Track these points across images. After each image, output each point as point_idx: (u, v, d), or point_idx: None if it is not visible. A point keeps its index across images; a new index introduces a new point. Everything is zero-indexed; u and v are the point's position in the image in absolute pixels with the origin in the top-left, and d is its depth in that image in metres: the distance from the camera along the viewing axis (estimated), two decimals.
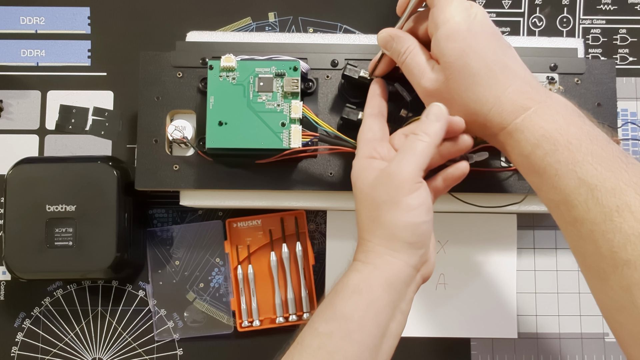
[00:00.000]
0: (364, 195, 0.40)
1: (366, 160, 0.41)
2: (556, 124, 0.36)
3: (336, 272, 0.55)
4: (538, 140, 0.36)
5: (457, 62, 0.38)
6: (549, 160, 0.36)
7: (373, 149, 0.42)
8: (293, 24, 0.58)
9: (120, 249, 0.50)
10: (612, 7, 0.59)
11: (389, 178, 0.38)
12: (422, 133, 0.39)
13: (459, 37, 0.38)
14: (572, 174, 0.35)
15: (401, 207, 0.38)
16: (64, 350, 0.55)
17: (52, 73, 0.58)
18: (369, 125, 0.43)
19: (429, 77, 0.40)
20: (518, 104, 0.38)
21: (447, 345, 0.55)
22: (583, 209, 0.34)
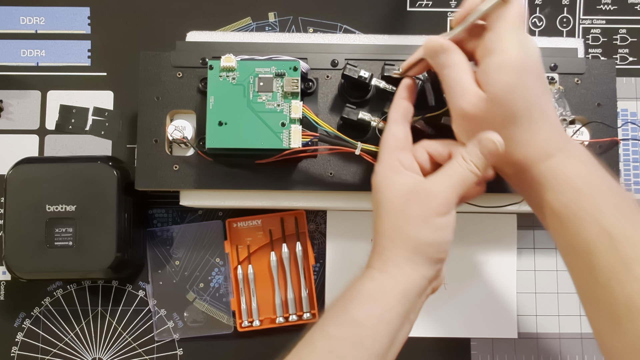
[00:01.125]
0: (393, 206, 0.39)
1: (392, 170, 0.40)
2: (579, 173, 0.37)
3: (336, 272, 0.55)
4: (562, 187, 0.37)
5: (503, 96, 0.37)
6: (573, 208, 0.36)
7: (397, 158, 0.41)
8: (293, 24, 0.58)
9: (120, 249, 0.50)
10: (612, 7, 0.59)
11: (427, 196, 0.38)
12: (472, 164, 0.38)
13: (511, 71, 0.37)
14: (594, 222, 0.35)
15: (431, 226, 0.38)
16: (64, 350, 0.55)
17: (52, 73, 0.58)
18: (393, 133, 0.42)
19: (469, 100, 0.38)
20: (545, 150, 0.38)
21: (447, 345, 0.55)
22: (602, 257, 0.35)
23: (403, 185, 0.39)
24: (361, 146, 0.46)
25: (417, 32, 0.56)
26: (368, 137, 0.49)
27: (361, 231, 0.56)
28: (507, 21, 0.38)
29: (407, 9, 0.59)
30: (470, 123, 0.39)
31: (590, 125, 0.50)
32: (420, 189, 0.39)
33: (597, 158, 0.39)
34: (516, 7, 0.38)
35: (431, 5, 0.59)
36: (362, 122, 0.47)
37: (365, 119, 0.46)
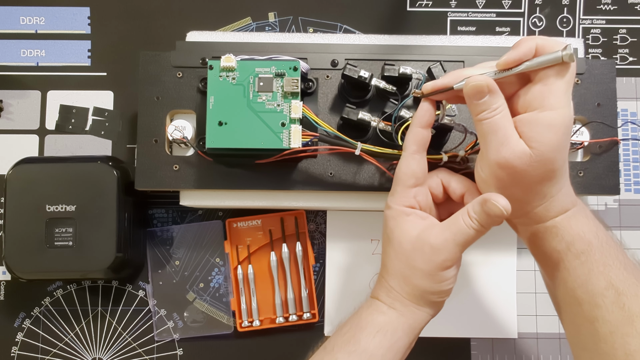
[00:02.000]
0: (401, 250, 0.41)
1: (405, 210, 0.41)
2: (589, 227, 0.39)
3: (336, 272, 0.55)
4: (573, 239, 0.38)
5: (549, 154, 0.37)
6: (583, 260, 0.38)
7: (413, 197, 0.41)
8: (293, 24, 0.58)
9: (120, 249, 0.50)
10: (612, 7, 0.59)
11: (432, 252, 0.39)
12: (477, 224, 0.38)
13: (560, 130, 0.37)
14: (602, 275, 0.37)
15: (436, 279, 0.40)
16: (64, 350, 0.55)
17: (52, 73, 0.58)
18: (412, 169, 0.41)
19: (514, 151, 0.37)
20: (562, 205, 0.39)
21: (447, 345, 0.55)
22: (607, 310, 0.36)
23: (413, 229, 0.40)
24: (361, 146, 0.46)
25: (417, 32, 0.56)
26: (368, 137, 0.49)
27: (361, 231, 0.56)
28: (564, 80, 0.37)
29: (407, 9, 0.59)
30: (506, 173, 0.37)
31: (590, 125, 0.50)
32: (426, 242, 0.39)
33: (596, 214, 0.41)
34: (574, 67, 0.38)
35: (431, 5, 0.59)
36: (362, 122, 0.47)
37: (365, 119, 0.46)
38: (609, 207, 0.57)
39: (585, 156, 0.51)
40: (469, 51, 0.51)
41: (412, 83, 0.49)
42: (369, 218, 0.56)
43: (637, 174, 0.57)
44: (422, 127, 0.41)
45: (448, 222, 0.40)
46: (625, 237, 0.56)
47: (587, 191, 0.50)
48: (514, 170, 0.37)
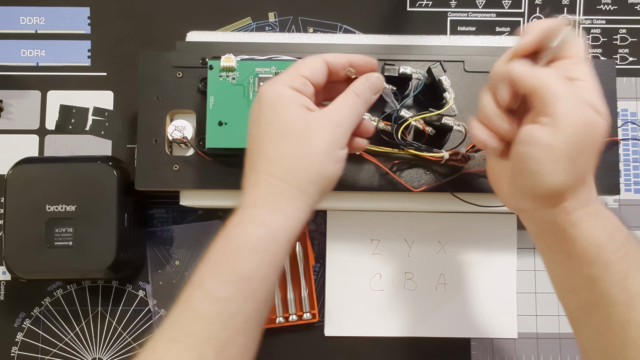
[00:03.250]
0: (292, 129, 0.36)
1: (293, 91, 0.37)
2: (616, 221, 0.36)
3: (336, 272, 0.55)
4: (613, 230, 0.35)
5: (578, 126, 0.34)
6: (623, 253, 0.34)
7: (303, 84, 0.38)
8: (293, 24, 0.58)
9: (120, 249, 0.50)
10: (612, 7, 0.59)
11: (332, 125, 0.37)
12: (362, 97, 0.39)
13: None
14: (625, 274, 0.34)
15: (334, 157, 0.37)
16: (64, 350, 0.55)
17: (52, 73, 0.58)
18: (312, 64, 0.39)
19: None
20: (589, 195, 0.36)
21: (447, 345, 0.55)
22: (637, 313, 0.33)
23: (301, 109, 0.37)
24: None
25: (417, 32, 0.56)
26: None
27: (361, 231, 0.56)
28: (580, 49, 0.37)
29: (407, 9, 0.59)
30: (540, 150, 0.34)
31: None
32: (324, 116, 0.37)
33: None
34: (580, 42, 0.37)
35: (431, 5, 0.59)
36: None
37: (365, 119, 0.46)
38: (609, 207, 0.57)
39: None
40: (469, 51, 0.51)
41: (412, 83, 0.49)
42: (369, 218, 0.56)
43: (637, 174, 0.57)
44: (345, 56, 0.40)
45: (340, 99, 0.38)
46: None
47: None
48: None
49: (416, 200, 0.51)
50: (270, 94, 0.37)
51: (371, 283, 0.55)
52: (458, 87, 0.50)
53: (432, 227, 0.56)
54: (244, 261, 0.34)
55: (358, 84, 0.40)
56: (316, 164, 0.36)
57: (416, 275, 0.55)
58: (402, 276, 0.55)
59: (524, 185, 0.36)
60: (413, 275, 0.56)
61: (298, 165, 0.36)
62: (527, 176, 0.35)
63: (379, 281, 0.55)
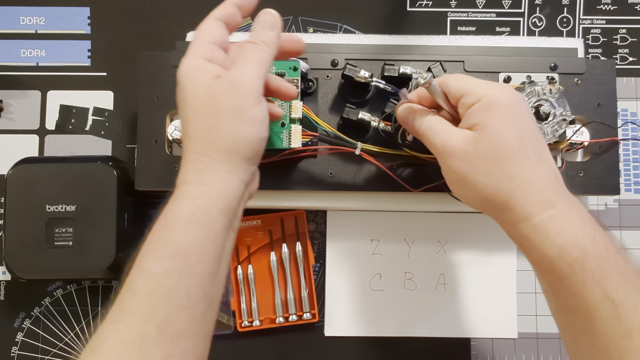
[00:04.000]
0: (200, 102, 0.36)
1: (201, 62, 0.37)
2: (584, 230, 0.34)
3: (336, 272, 0.55)
4: (565, 244, 0.34)
5: (492, 130, 0.36)
6: (576, 268, 0.34)
7: (210, 51, 0.37)
8: (293, 24, 0.58)
9: (120, 249, 0.50)
10: (612, 7, 0.59)
11: (233, 85, 0.36)
12: (260, 42, 0.38)
13: (496, 109, 0.37)
14: (598, 286, 0.33)
15: (246, 119, 0.36)
16: (64, 350, 0.55)
17: (52, 73, 0.58)
18: (209, 27, 0.39)
19: (456, 136, 0.38)
20: (545, 196, 0.35)
21: (447, 345, 0.55)
22: (603, 323, 0.33)
23: (207, 78, 0.36)
24: (361, 146, 0.46)
25: (417, 32, 0.56)
26: (368, 137, 0.49)
27: (361, 231, 0.56)
28: (464, 76, 0.39)
29: (407, 9, 0.59)
30: (459, 161, 0.37)
31: (590, 125, 0.50)
32: (225, 80, 0.36)
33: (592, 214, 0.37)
34: (449, 76, 0.40)
35: (431, 5, 0.59)
36: (362, 122, 0.47)
37: (365, 119, 0.46)
38: (609, 207, 0.57)
39: (585, 156, 0.51)
40: (469, 51, 0.51)
41: (412, 83, 0.49)
42: (369, 218, 0.56)
43: (637, 174, 0.57)
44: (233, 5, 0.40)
45: (243, 54, 0.37)
46: (625, 237, 0.56)
47: (587, 191, 0.50)
48: (464, 153, 0.37)
49: (416, 200, 0.51)
50: (181, 71, 0.37)
51: (371, 283, 0.55)
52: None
53: (432, 227, 0.56)
54: (177, 236, 0.34)
55: (251, 32, 0.38)
56: (229, 131, 0.36)
57: (416, 275, 0.55)
58: (402, 276, 0.55)
59: (457, 195, 0.40)
60: (413, 275, 0.56)
61: (212, 137, 0.36)
62: (451, 187, 0.40)
63: (379, 281, 0.55)
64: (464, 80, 0.39)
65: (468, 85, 0.38)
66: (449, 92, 0.39)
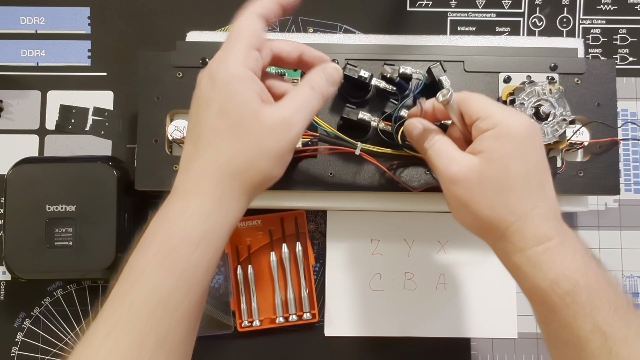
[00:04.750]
0: (244, 126, 0.34)
1: (248, 73, 0.35)
2: (576, 264, 0.35)
3: (336, 272, 0.55)
4: (557, 277, 0.35)
5: (498, 160, 0.36)
6: (568, 300, 0.35)
7: (255, 59, 0.35)
8: (293, 24, 0.58)
9: (120, 249, 0.50)
10: (612, 7, 0.59)
11: (284, 126, 0.35)
12: (320, 93, 0.37)
13: (510, 140, 0.36)
14: (589, 318, 0.34)
15: (281, 162, 0.36)
16: (64, 350, 0.55)
17: (52, 73, 0.58)
18: (253, 26, 0.36)
19: (459, 162, 0.37)
20: (542, 231, 0.36)
21: (447, 345, 0.55)
22: (594, 354, 0.34)
23: (255, 96, 0.35)
24: (361, 146, 0.46)
25: (417, 32, 0.56)
26: (368, 137, 0.49)
27: (361, 231, 0.56)
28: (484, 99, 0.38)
29: (407, 9, 0.59)
30: (463, 188, 0.37)
31: (590, 125, 0.50)
32: (276, 112, 0.35)
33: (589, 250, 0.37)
34: (470, 95, 0.39)
35: (431, 5, 0.59)
36: (362, 122, 0.47)
37: (365, 119, 0.46)
38: (609, 207, 0.57)
39: (585, 156, 0.51)
40: (469, 51, 0.51)
41: (412, 83, 0.49)
42: (369, 218, 0.56)
43: (637, 174, 0.57)
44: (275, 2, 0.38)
45: (295, 93, 0.36)
46: (625, 237, 0.56)
47: (587, 191, 0.50)
48: (467, 181, 0.37)
49: (416, 200, 0.51)
50: (225, 76, 0.35)
51: (371, 283, 0.55)
52: (458, 87, 0.50)
53: (432, 227, 0.56)
54: (187, 254, 0.33)
55: (314, 76, 0.37)
56: (265, 169, 0.35)
57: (416, 275, 0.55)
58: (402, 276, 0.55)
59: (456, 218, 0.40)
60: (413, 275, 0.56)
61: (247, 167, 0.35)
62: (451, 209, 0.40)
63: (379, 281, 0.55)
64: (482, 103, 0.38)
65: (486, 110, 0.37)
66: (466, 112, 0.39)
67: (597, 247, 0.56)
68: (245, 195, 0.36)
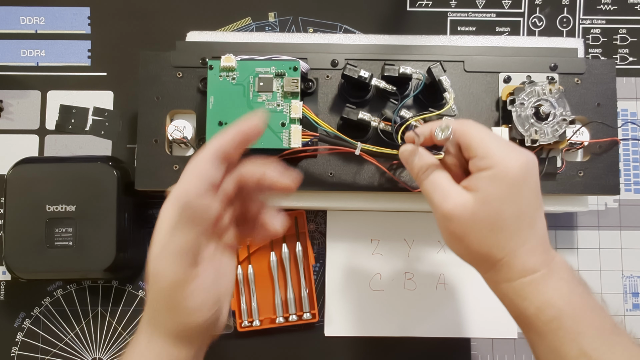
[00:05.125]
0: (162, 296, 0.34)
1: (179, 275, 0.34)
2: (560, 292, 0.37)
3: (336, 272, 0.55)
4: (542, 304, 0.37)
5: (492, 202, 0.37)
6: (552, 327, 0.36)
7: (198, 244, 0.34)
8: (293, 24, 0.58)
9: (120, 249, 0.50)
10: (612, 7, 0.59)
11: None
12: None
13: (505, 184, 0.36)
14: (574, 343, 0.36)
15: None
16: (64, 350, 0.55)
17: (52, 73, 0.58)
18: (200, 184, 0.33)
19: (454, 199, 0.38)
20: (529, 264, 0.37)
21: (447, 345, 0.55)
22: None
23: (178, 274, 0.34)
24: (361, 146, 0.46)
25: (417, 32, 0.56)
26: (368, 137, 0.49)
27: (361, 231, 0.56)
28: (483, 135, 0.38)
29: (407, 9, 0.59)
30: (455, 224, 0.38)
31: (590, 125, 0.50)
32: None
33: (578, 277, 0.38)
34: (469, 129, 0.38)
35: (431, 5, 0.59)
36: (362, 122, 0.47)
37: (365, 119, 0.46)
38: (609, 207, 0.57)
39: (585, 156, 0.51)
40: (469, 51, 0.51)
41: (412, 83, 0.49)
42: (369, 218, 0.56)
43: (637, 174, 0.57)
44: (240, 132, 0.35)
45: None
46: (625, 237, 0.56)
47: (587, 191, 0.50)
48: (461, 218, 0.37)
49: (416, 200, 0.51)
50: (150, 259, 0.34)
51: (371, 283, 0.55)
52: (458, 87, 0.50)
53: (432, 227, 0.56)
54: None
55: None
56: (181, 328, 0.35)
57: (416, 275, 0.55)
58: (402, 276, 0.55)
59: (449, 247, 0.40)
60: (413, 275, 0.56)
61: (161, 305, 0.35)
62: (444, 238, 0.40)
63: (379, 281, 0.55)
64: (482, 139, 0.38)
65: (484, 148, 0.37)
66: (464, 147, 0.39)
67: (597, 247, 0.56)
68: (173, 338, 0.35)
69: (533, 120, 0.46)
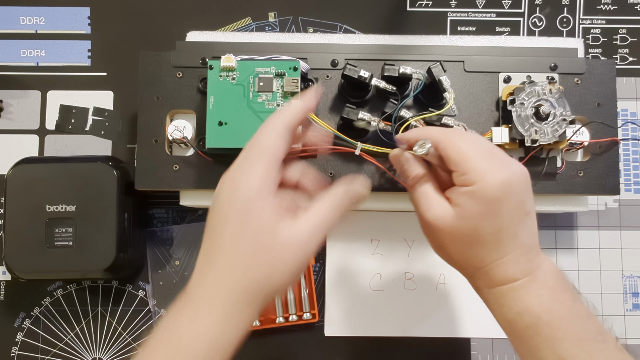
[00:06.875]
0: (262, 245, 0.34)
1: (269, 190, 0.34)
2: (540, 299, 0.37)
3: (336, 272, 0.55)
4: (520, 311, 0.37)
5: (470, 219, 0.37)
6: (531, 333, 0.37)
7: (277, 171, 0.35)
8: (293, 24, 0.58)
9: (120, 249, 0.50)
10: (612, 7, 0.59)
11: (301, 248, 0.35)
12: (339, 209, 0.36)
13: (483, 202, 0.36)
14: (551, 350, 0.36)
15: (297, 274, 0.36)
16: (64, 350, 0.55)
17: (52, 73, 0.58)
18: (278, 145, 0.36)
19: (435, 210, 0.38)
20: (509, 274, 0.37)
21: (447, 345, 0.55)
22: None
23: (278, 219, 0.34)
24: (361, 146, 0.46)
25: (417, 32, 0.56)
26: (368, 137, 0.49)
27: (361, 231, 0.56)
28: (466, 150, 0.37)
29: (407, 9, 0.59)
30: (436, 233, 0.39)
31: (590, 125, 0.50)
32: (297, 237, 0.34)
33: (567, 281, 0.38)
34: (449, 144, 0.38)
35: (431, 5, 0.59)
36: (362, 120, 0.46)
37: (365, 119, 0.46)
38: (609, 207, 0.57)
39: (585, 156, 0.51)
40: (469, 51, 0.51)
41: (412, 83, 0.49)
42: (369, 218, 0.56)
43: (637, 174, 0.57)
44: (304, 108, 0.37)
45: (315, 210, 0.35)
46: (625, 237, 0.56)
47: (587, 191, 0.50)
48: (441, 230, 0.38)
49: None
50: (245, 191, 0.34)
51: (371, 283, 0.55)
52: (458, 87, 0.50)
53: None
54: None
55: (338, 195, 0.37)
56: (278, 284, 0.34)
57: (416, 275, 0.55)
58: (402, 276, 0.55)
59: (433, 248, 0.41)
60: (413, 275, 0.56)
61: (261, 282, 0.34)
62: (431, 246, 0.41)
63: (379, 281, 0.55)
64: (462, 155, 0.37)
65: (464, 164, 0.37)
66: (445, 160, 0.38)
67: (597, 247, 0.56)
68: (255, 308, 0.34)
69: (533, 120, 0.46)
